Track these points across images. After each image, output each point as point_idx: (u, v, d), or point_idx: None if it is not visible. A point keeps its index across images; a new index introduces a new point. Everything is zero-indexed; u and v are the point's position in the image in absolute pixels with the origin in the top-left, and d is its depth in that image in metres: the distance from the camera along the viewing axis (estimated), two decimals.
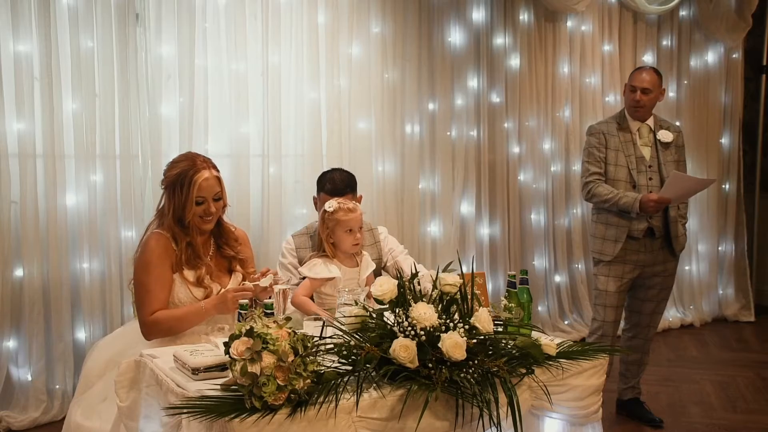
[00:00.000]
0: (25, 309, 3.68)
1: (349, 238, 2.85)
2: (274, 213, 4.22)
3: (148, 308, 2.49)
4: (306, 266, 2.87)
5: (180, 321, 2.48)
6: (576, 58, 5.42)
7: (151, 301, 2.49)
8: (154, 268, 2.52)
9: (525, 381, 2.10)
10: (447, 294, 2.11)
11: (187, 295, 2.55)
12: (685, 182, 3.59)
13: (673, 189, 3.50)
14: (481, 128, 5.06)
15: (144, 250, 2.56)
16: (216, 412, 1.74)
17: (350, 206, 2.87)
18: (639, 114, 3.70)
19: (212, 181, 2.57)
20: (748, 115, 6.36)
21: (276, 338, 1.77)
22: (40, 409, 3.69)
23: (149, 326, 2.48)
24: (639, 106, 3.67)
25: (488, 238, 5.16)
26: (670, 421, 3.84)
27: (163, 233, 2.57)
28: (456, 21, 4.94)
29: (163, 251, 2.54)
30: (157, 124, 3.92)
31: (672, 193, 3.52)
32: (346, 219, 2.83)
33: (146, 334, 2.49)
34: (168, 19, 3.90)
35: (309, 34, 4.29)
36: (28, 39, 3.60)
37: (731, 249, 6.27)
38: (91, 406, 2.49)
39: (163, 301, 2.51)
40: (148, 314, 2.48)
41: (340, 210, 2.84)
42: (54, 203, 3.69)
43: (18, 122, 3.62)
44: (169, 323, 2.47)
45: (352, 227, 2.84)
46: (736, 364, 4.89)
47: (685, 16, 5.95)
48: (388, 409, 1.90)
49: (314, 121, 4.33)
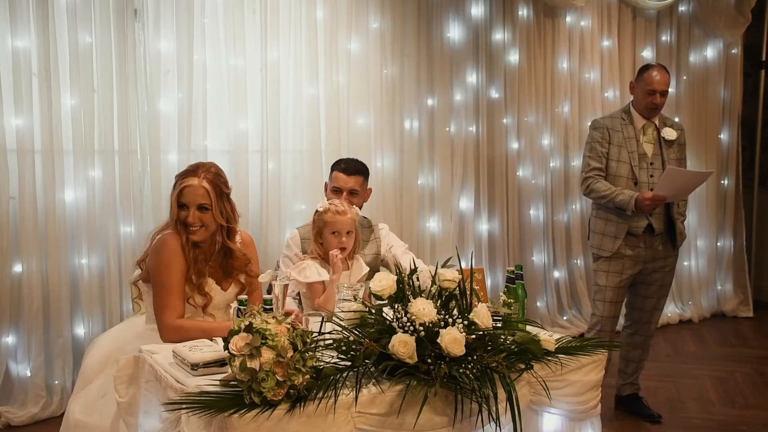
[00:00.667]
0: (24, 305, 3.67)
1: (333, 241, 2.80)
2: (273, 208, 4.22)
3: (172, 311, 2.43)
4: (296, 268, 2.80)
5: (205, 333, 2.35)
6: (575, 53, 5.42)
7: (174, 304, 2.44)
8: (175, 268, 2.48)
9: (524, 376, 2.11)
10: (446, 290, 2.11)
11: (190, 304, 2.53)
12: (681, 177, 3.54)
13: (668, 185, 3.47)
14: (480, 124, 5.06)
15: (162, 250, 2.50)
16: (215, 408, 1.74)
17: (341, 208, 2.81)
18: (653, 114, 3.70)
19: (197, 189, 2.51)
20: (747, 111, 6.35)
21: (275, 334, 1.77)
22: (40, 405, 3.69)
23: (172, 330, 2.40)
24: (657, 108, 3.67)
25: (487, 233, 5.16)
26: (669, 416, 3.84)
27: (176, 235, 2.53)
28: (455, 16, 4.93)
29: (180, 253, 2.50)
30: (155, 120, 3.91)
31: (667, 190, 3.48)
32: (333, 221, 2.79)
33: (166, 336, 2.42)
34: (166, 15, 3.90)
35: (307, 29, 4.28)
36: (26, 35, 3.59)
37: (730, 245, 6.27)
38: (89, 402, 2.48)
39: (183, 305, 2.48)
40: (173, 318, 2.42)
41: (329, 211, 2.80)
42: (53, 199, 3.68)
43: (16, 118, 3.61)
44: (193, 333, 2.36)
45: (338, 230, 2.79)
46: (734, 360, 4.90)
47: (685, 12, 5.94)
48: (387, 405, 1.90)
49: (313, 116, 4.33)
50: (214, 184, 2.55)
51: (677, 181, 3.50)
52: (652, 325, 3.86)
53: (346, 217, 2.80)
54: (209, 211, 2.53)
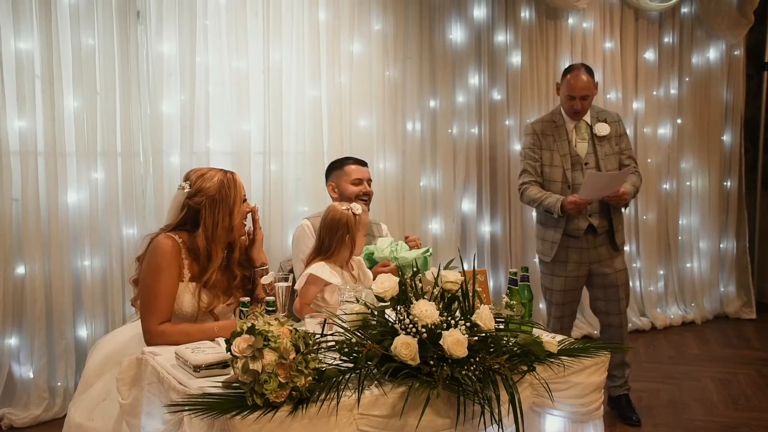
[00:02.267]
0: (26, 306, 3.68)
1: (362, 241, 2.80)
2: (276, 210, 4.23)
3: (156, 317, 2.39)
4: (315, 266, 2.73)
5: (189, 337, 2.33)
6: (577, 55, 5.41)
7: (159, 309, 2.39)
8: (165, 273, 2.41)
9: (526, 378, 2.10)
10: (448, 291, 2.11)
11: (192, 304, 2.45)
12: (602, 179, 3.49)
13: (591, 189, 3.45)
14: (483, 125, 5.06)
15: (155, 252, 2.43)
16: (217, 410, 1.74)
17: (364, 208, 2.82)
18: (578, 117, 3.66)
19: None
20: (749, 113, 6.35)
21: (277, 335, 1.77)
22: (42, 407, 3.70)
23: (155, 336, 2.38)
24: (579, 112, 3.63)
25: (489, 235, 5.16)
26: (671, 418, 3.84)
27: (175, 238, 2.46)
28: (457, 18, 4.93)
29: (175, 257, 2.43)
30: (158, 122, 3.92)
31: (590, 194, 3.47)
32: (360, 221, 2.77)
33: (149, 341, 2.39)
34: (169, 17, 3.91)
35: (310, 31, 4.29)
36: (29, 37, 3.60)
37: (733, 246, 6.26)
38: (90, 406, 2.48)
39: (170, 310, 2.43)
40: (155, 323, 2.39)
41: (364, 212, 2.80)
42: (55, 201, 3.69)
43: (19, 120, 3.62)
44: (177, 337, 2.34)
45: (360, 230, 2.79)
46: (737, 362, 4.89)
47: (687, 13, 5.94)
48: (390, 407, 1.90)
49: (315, 118, 4.33)
50: None
51: (599, 183, 3.47)
52: (621, 329, 3.77)
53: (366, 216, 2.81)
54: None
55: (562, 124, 3.68)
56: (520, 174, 3.76)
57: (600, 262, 3.70)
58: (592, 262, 3.69)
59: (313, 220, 3.24)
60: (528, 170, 3.70)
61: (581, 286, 3.79)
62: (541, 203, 3.61)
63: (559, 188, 3.64)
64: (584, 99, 3.59)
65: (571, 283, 3.71)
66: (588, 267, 3.70)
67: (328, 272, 2.69)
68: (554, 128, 3.67)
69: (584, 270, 3.71)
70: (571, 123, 3.67)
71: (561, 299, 3.72)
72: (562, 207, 3.53)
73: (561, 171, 3.64)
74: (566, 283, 3.70)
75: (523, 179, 3.72)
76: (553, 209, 3.56)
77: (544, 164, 3.67)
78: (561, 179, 3.64)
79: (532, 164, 3.69)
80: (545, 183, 3.68)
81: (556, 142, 3.64)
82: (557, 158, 3.64)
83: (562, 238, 3.65)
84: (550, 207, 3.57)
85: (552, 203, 3.56)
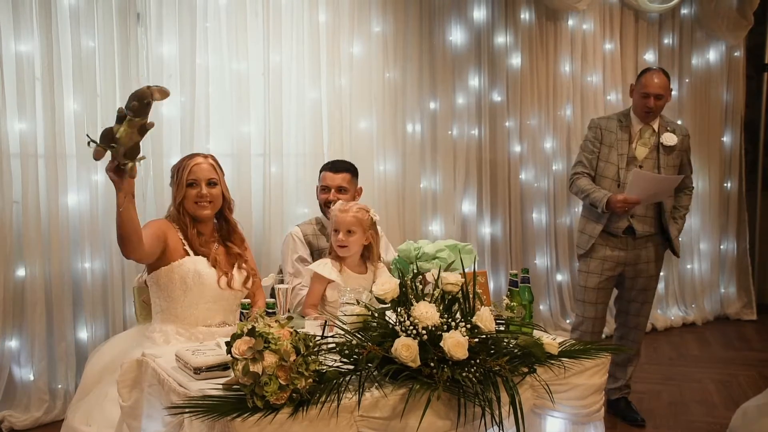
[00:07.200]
0: (27, 309, 3.68)
1: (333, 237, 2.79)
2: (276, 212, 4.22)
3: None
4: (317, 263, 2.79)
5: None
6: (577, 56, 5.42)
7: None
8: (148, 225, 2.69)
9: (527, 380, 2.10)
10: (449, 293, 2.11)
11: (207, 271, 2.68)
12: (649, 182, 3.51)
13: (637, 189, 3.47)
14: (483, 127, 5.06)
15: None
16: (218, 412, 1.74)
17: (345, 207, 2.80)
18: (649, 118, 3.68)
19: (204, 166, 2.77)
20: (749, 114, 6.35)
21: (278, 338, 1.77)
22: (42, 409, 3.70)
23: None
24: (651, 112, 3.65)
25: (489, 237, 5.16)
26: (672, 419, 3.84)
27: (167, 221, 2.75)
28: (457, 20, 4.94)
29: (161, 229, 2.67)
30: (158, 124, 3.87)
31: (637, 193, 3.48)
32: (335, 217, 2.79)
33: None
34: (169, 19, 3.90)
35: (310, 33, 4.29)
36: (29, 39, 3.60)
37: (733, 247, 6.26)
38: (88, 411, 2.49)
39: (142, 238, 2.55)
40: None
41: (336, 208, 2.81)
42: (56, 203, 3.69)
43: (19, 122, 3.62)
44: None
45: (338, 227, 2.77)
46: (738, 363, 4.89)
47: (687, 15, 5.94)
48: (390, 409, 1.90)
49: (315, 120, 4.33)
50: (216, 162, 2.84)
51: (646, 185, 3.48)
52: (638, 331, 3.83)
53: (347, 214, 2.76)
54: (217, 186, 2.77)
55: (628, 125, 3.70)
56: (575, 164, 3.79)
57: (635, 265, 3.71)
58: (628, 264, 3.70)
59: (303, 227, 3.24)
60: (583, 162, 3.73)
61: (612, 286, 3.79)
62: (588, 195, 3.62)
63: (608, 185, 3.65)
64: (658, 99, 3.62)
65: (605, 283, 3.72)
66: (623, 268, 3.71)
67: (329, 269, 2.71)
68: (618, 127, 3.70)
69: (618, 270, 3.72)
70: (637, 126, 3.69)
71: (594, 298, 3.72)
72: (608, 203, 3.54)
73: (615, 169, 3.65)
74: (600, 282, 3.70)
75: (576, 169, 3.75)
76: (598, 203, 3.57)
77: (600, 159, 3.70)
78: (612, 177, 3.65)
79: (588, 157, 3.72)
80: (597, 178, 3.70)
81: (617, 141, 3.66)
82: (614, 156, 3.66)
83: (600, 235, 3.67)
84: (596, 201, 3.58)
85: (599, 198, 3.57)
